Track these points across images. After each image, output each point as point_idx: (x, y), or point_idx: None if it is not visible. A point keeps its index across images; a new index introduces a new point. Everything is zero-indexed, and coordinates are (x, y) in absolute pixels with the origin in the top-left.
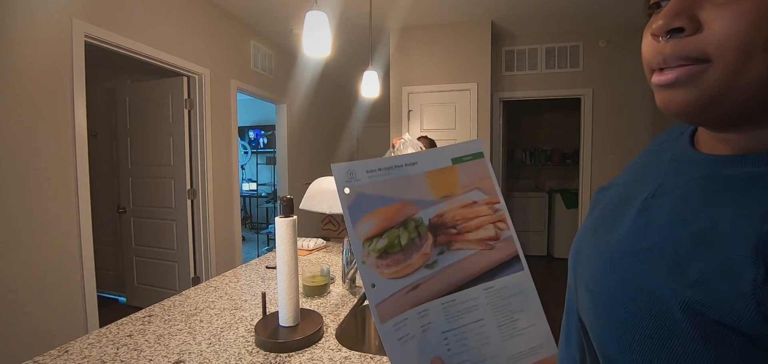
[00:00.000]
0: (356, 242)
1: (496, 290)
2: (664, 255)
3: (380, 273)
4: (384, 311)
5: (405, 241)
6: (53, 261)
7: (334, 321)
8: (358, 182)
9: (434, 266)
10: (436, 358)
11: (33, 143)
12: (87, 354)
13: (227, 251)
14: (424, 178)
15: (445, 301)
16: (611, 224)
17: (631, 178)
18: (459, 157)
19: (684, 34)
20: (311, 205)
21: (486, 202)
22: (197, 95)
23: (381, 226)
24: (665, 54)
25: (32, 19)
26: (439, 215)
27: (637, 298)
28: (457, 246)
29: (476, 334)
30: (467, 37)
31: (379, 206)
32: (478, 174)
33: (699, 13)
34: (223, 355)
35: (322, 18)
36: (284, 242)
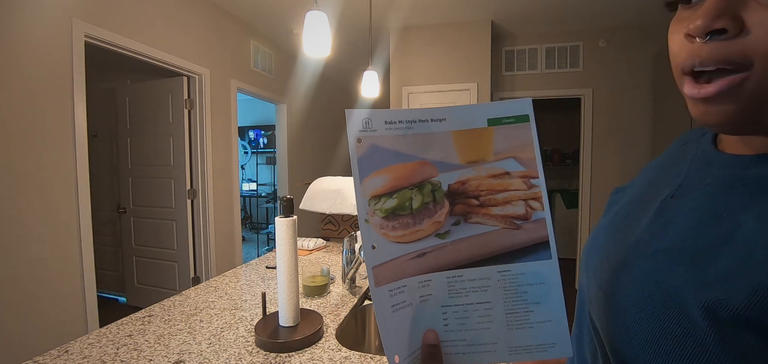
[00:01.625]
0: (361, 198)
1: (513, 275)
2: (684, 255)
3: (384, 234)
4: (381, 275)
5: (417, 204)
6: (53, 261)
7: (334, 321)
8: (374, 132)
9: (446, 236)
10: (430, 330)
11: (33, 143)
12: (87, 354)
13: (227, 251)
14: (451, 137)
15: (452, 275)
16: (628, 225)
17: (649, 178)
18: (498, 119)
19: (726, 36)
20: (311, 205)
21: (521, 174)
22: (197, 95)
23: (392, 184)
24: (702, 56)
25: (32, 20)
26: (461, 182)
27: (653, 297)
28: (475, 219)
29: (479, 315)
30: (467, 37)
31: (394, 162)
32: (518, 140)
33: (743, 13)
34: (223, 355)
35: (322, 18)
36: (284, 242)
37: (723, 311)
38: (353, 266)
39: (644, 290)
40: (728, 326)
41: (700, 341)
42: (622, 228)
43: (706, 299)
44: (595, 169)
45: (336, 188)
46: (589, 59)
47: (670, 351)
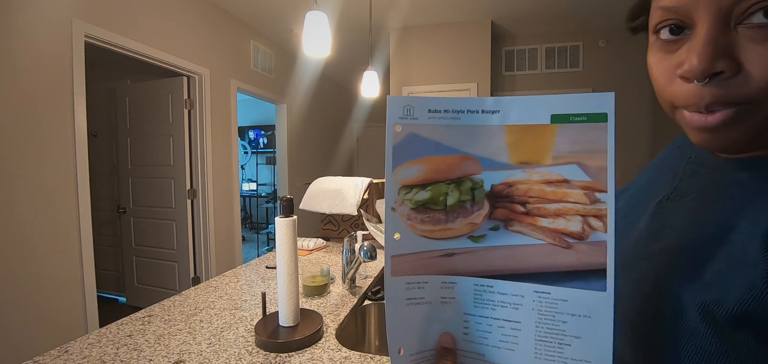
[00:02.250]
0: (391, 185)
1: (552, 299)
2: (680, 256)
3: (410, 226)
4: (400, 265)
5: (452, 201)
6: (53, 261)
7: (334, 321)
8: (415, 120)
9: (480, 240)
10: (447, 334)
11: (33, 143)
12: (87, 354)
13: (227, 251)
14: (504, 131)
15: (481, 283)
16: (624, 228)
17: (646, 181)
18: (565, 115)
19: (723, 77)
20: (311, 205)
21: (584, 185)
22: (197, 95)
23: (427, 176)
24: (706, 99)
25: (32, 20)
26: (507, 183)
27: (650, 299)
28: (517, 228)
29: (504, 333)
30: (467, 37)
31: (433, 153)
32: (587, 144)
33: (736, 53)
34: (223, 355)
35: (322, 18)
36: (284, 242)
37: (719, 311)
38: (353, 266)
39: (642, 293)
40: (724, 326)
41: (697, 342)
42: (619, 231)
43: (703, 300)
44: None
45: (336, 188)
46: (589, 59)
47: (669, 352)
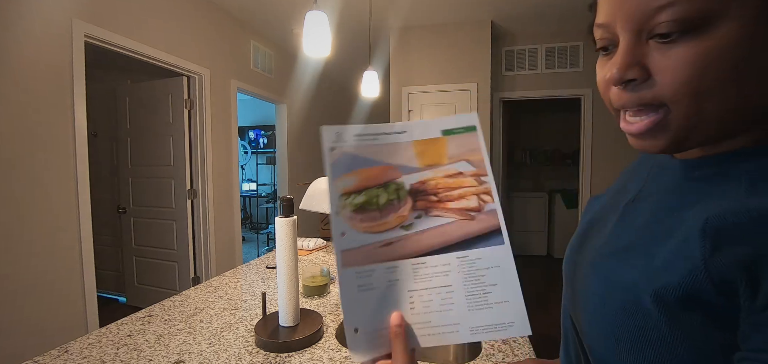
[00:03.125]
0: (334, 193)
1: (470, 260)
2: (638, 251)
3: (353, 225)
4: (349, 258)
5: (383, 201)
6: (53, 261)
7: (334, 321)
8: (344, 143)
9: (410, 227)
10: (397, 312)
11: (33, 143)
12: (87, 354)
13: (227, 251)
14: (412, 146)
15: (416, 262)
16: (596, 230)
17: (620, 185)
18: (450, 129)
19: (636, 84)
20: (311, 205)
21: (473, 173)
22: (197, 95)
23: (361, 184)
24: (624, 101)
25: (32, 19)
26: (421, 182)
27: (614, 295)
28: (435, 213)
29: (442, 298)
30: (467, 37)
31: (362, 167)
32: (468, 146)
33: (647, 63)
34: (223, 355)
35: (322, 18)
36: (284, 242)
37: (668, 295)
38: None
39: (607, 290)
40: (675, 308)
41: (654, 328)
42: (593, 233)
43: (654, 286)
44: (595, 169)
45: None
46: (589, 59)
47: (633, 342)
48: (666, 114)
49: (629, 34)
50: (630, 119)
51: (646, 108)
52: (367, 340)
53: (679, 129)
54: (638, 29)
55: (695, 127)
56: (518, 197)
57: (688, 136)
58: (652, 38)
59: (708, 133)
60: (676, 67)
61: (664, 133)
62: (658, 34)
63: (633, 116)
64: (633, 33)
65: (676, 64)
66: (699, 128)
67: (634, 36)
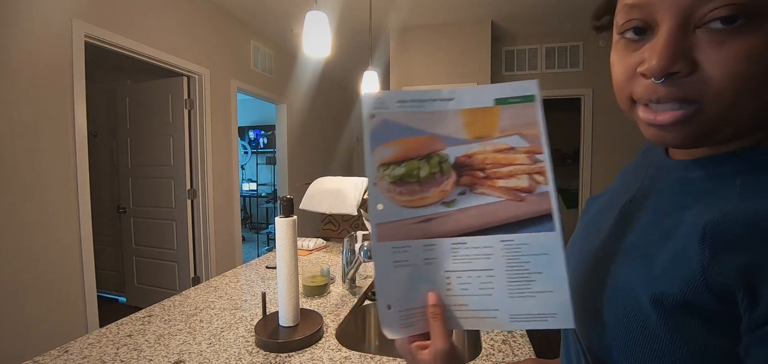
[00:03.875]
0: (371, 164)
1: (516, 245)
2: (638, 255)
3: (391, 198)
4: (386, 232)
5: (425, 173)
6: (53, 261)
7: (334, 321)
8: (386, 109)
9: (452, 204)
10: (433, 292)
11: (33, 143)
12: (87, 354)
13: (227, 251)
14: (460, 114)
15: (456, 241)
16: (596, 231)
17: (618, 185)
18: (504, 98)
19: (679, 76)
20: (311, 205)
21: (526, 150)
22: (197, 95)
23: (401, 154)
24: (659, 95)
25: (32, 19)
26: (467, 155)
27: (614, 297)
28: (481, 190)
29: (482, 282)
30: (467, 37)
31: (404, 136)
32: (523, 119)
33: (693, 54)
34: (223, 355)
35: (322, 18)
36: (284, 242)
37: (667, 300)
38: (353, 266)
39: (607, 292)
40: (673, 314)
41: (653, 332)
42: (591, 234)
43: (653, 292)
44: (595, 169)
45: (336, 188)
46: (589, 59)
47: (632, 345)
48: (699, 109)
49: (675, 20)
50: (656, 108)
51: (678, 104)
52: (400, 317)
53: (708, 124)
54: (686, 15)
55: (721, 127)
56: None
57: (712, 133)
58: (701, 28)
59: (730, 131)
60: (730, 60)
61: (688, 127)
62: (710, 24)
63: (661, 105)
64: (680, 19)
65: (729, 57)
66: (726, 126)
67: (681, 22)
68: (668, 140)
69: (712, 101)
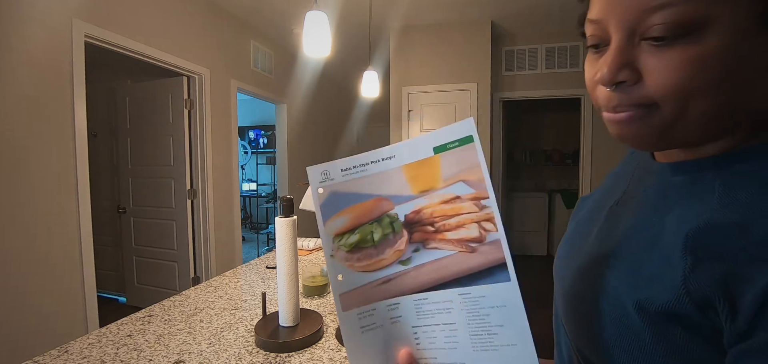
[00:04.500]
0: (326, 237)
1: (473, 298)
2: (623, 259)
3: (349, 266)
4: (348, 301)
5: (378, 237)
6: (53, 261)
7: (334, 321)
8: (332, 181)
9: (408, 262)
10: (405, 349)
11: (33, 143)
12: (87, 354)
13: (227, 251)
14: (402, 171)
15: (417, 298)
16: (584, 234)
17: (606, 187)
18: (442, 145)
19: (627, 85)
20: (311, 205)
21: (471, 197)
22: (197, 95)
23: (353, 222)
24: (615, 102)
25: (32, 19)
26: (415, 211)
27: (601, 301)
28: (433, 245)
29: (445, 336)
30: (467, 37)
31: (353, 203)
32: (464, 163)
33: (637, 64)
34: (223, 355)
35: (322, 18)
36: (284, 242)
37: (651, 307)
38: None
39: (594, 296)
40: (657, 320)
41: (637, 336)
42: (580, 236)
43: (638, 297)
44: (595, 169)
45: None
46: None
47: (618, 350)
48: (652, 111)
49: (622, 34)
50: (611, 115)
51: (631, 107)
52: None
53: (663, 127)
54: (631, 29)
55: (679, 127)
56: (518, 197)
57: (670, 135)
58: (645, 40)
59: (691, 134)
60: (668, 69)
61: (647, 128)
62: (652, 37)
63: (613, 112)
64: (626, 33)
65: (667, 66)
66: (682, 128)
67: (626, 36)
68: (630, 140)
69: (664, 106)
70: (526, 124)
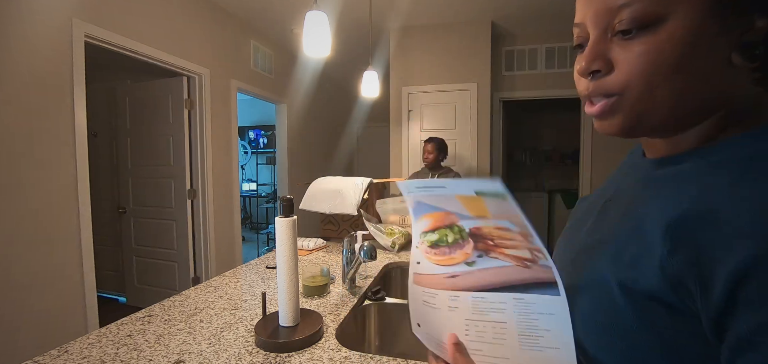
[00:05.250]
0: (415, 231)
1: (526, 303)
2: (609, 246)
3: (427, 258)
4: (420, 280)
5: (451, 239)
6: (53, 261)
7: (334, 321)
8: (414, 193)
9: (473, 264)
10: (452, 335)
11: (33, 143)
12: (87, 354)
13: (227, 251)
14: (456, 199)
15: (476, 295)
16: (578, 228)
17: (603, 187)
18: (482, 192)
19: (601, 74)
20: (311, 205)
21: (519, 233)
22: (197, 95)
23: (433, 225)
24: (590, 90)
25: (32, 19)
26: (476, 228)
27: (590, 287)
28: (494, 255)
29: (495, 332)
30: (467, 37)
31: (433, 211)
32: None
33: (610, 55)
34: (223, 355)
35: (322, 18)
36: (284, 242)
37: (634, 287)
38: (353, 266)
39: (584, 282)
40: (640, 301)
41: (621, 318)
42: (575, 230)
43: (623, 280)
44: (595, 169)
45: (336, 188)
46: None
47: (607, 330)
48: (620, 98)
49: (596, 31)
50: (593, 101)
51: (601, 96)
52: (426, 337)
53: (632, 112)
54: (604, 27)
55: (647, 112)
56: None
57: (640, 120)
58: (616, 35)
59: (659, 119)
60: (632, 58)
61: (619, 115)
62: (620, 31)
63: (593, 98)
64: (599, 30)
65: (632, 55)
66: (650, 113)
67: (600, 33)
68: (606, 128)
69: (630, 91)
70: (526, 124)
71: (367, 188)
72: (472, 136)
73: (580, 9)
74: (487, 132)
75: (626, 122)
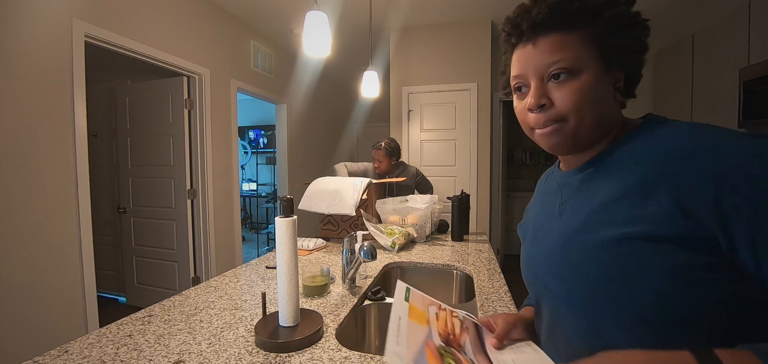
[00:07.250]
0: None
1: None
2: (588, 220)
3: None
4: None
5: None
6: (53, 261)
7: (334, 321)
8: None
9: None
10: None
11: (33, 143)
12: (87, 354)
13: (227, 251)
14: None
15: None
16: (547, 231)
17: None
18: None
19: (545, 108)
20: (310, 205)
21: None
22: (197, 95)
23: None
24: (540, 120)
25: (32, 19)
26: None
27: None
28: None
29: None
30: (467, 37)
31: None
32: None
33: (549, 95)
34: (223, 355)
35: (322, 18)
36: (284, 242)
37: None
38: (353, 266)
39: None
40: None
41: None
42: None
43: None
44: None
45: (335, 189)
46: None
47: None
48: (564, 123)
49: (537, 79)
50: (541, 131)
51: (551, 122)
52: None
53: (573, 133)
54: (541, 76)
55: (580, 133)
56: (518, 196)
57: (577, 139)
58: (550, 80)
59: (588, 137)
60: (566, 95)
61: (562, 136)
62: (553, 76)
63: (542, 128)
64: (539, 78)
65: (565, 94)
66: (583, 134)
67: (539, 80)
68: (555, 146)
69: (569, 118)
70: None
71: (365, 189)
72: (472, 137)
73: (518, 65)
74: (487, 132)
75: (566, 140)
